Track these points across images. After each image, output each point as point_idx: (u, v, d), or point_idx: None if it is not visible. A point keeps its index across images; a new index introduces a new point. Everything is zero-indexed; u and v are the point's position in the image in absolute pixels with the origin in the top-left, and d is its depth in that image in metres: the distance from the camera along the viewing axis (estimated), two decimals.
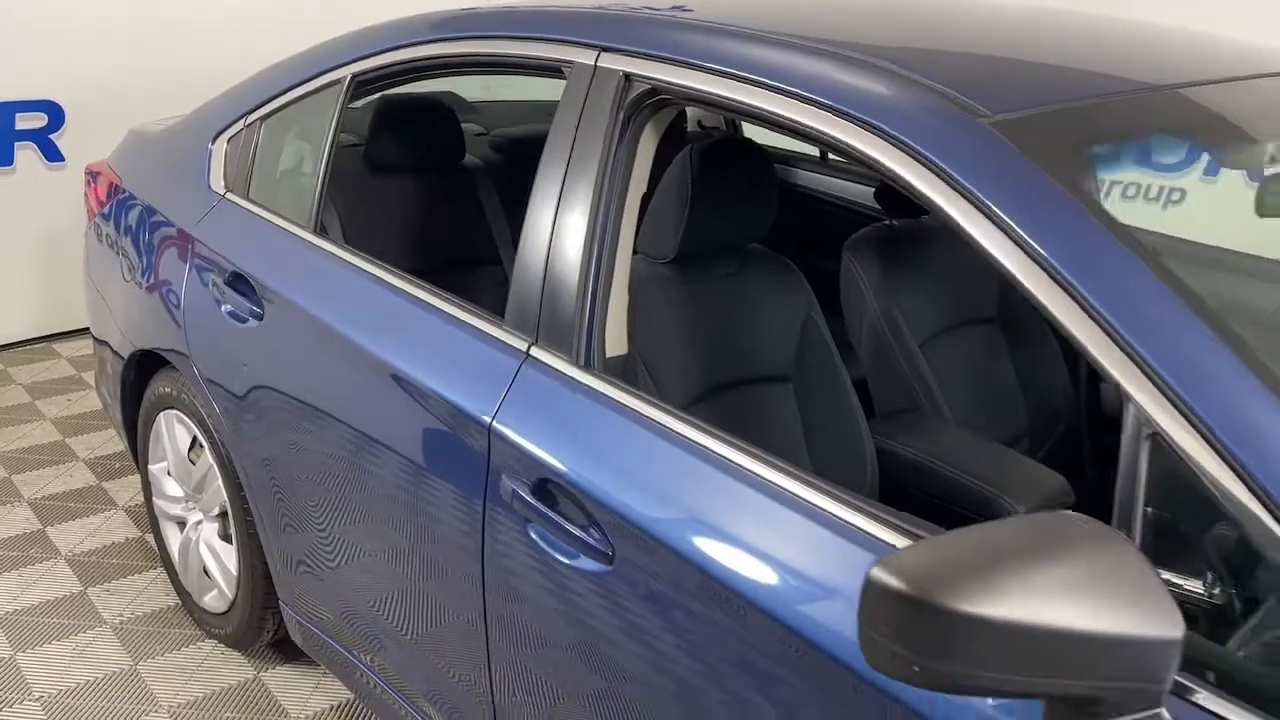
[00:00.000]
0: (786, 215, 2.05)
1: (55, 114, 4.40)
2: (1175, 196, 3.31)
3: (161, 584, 2.92)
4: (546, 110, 1.79)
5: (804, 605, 1.27)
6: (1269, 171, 1.79)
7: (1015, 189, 1.23)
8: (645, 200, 1.78)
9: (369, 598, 2.04)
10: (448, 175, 2.78)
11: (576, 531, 1.52)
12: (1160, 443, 1.06)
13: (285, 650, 2.63)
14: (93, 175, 2.96)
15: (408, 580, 1.90)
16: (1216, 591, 1.08)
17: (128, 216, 2.71)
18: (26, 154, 4.40)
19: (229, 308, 2.25)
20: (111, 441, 3.60)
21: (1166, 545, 1.08)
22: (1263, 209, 1.85)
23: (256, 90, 2.43)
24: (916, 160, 1.30)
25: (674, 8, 1.81)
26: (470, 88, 3.91)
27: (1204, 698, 1.02)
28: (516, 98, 3.80)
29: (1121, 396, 1.09)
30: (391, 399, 1.83)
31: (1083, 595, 0.90)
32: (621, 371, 1.68)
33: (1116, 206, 1.30)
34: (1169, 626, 0.90)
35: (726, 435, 1.43)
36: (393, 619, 1.98)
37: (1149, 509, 1.07)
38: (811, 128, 1.42)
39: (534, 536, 1.58)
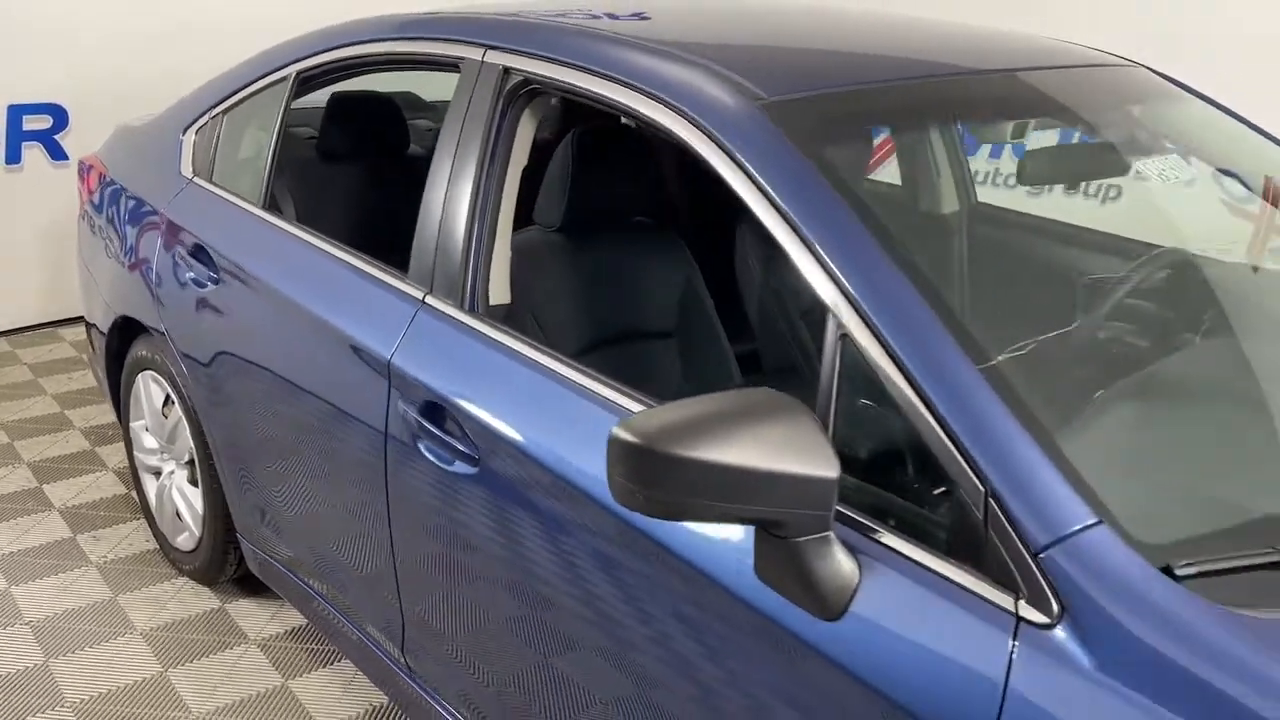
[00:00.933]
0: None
1: (60, 116, 4.76)
2: None
3: (142, 532, 3.26)
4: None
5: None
6: (1029, 148, 2.10)
7: (772, 159, 1.54)
8: (536, 175, 2.11)
9: (308, 525, 2.37)
10: (393, 164, 3.12)
11: (452, 442, 1.85)
12: (848, 341, 1.38)
13: (247, 585, 2.96)
14: (85, 168, 3.32)
15: (336, 504, 2.23)
16: (888, 453, 1.40)
17: (112, 201, 3.06)
18: (33, 153, 4.77)
19: (191, 275, 2.59)
20: (105, 414, 3.94)
21: (850, 416, 1.40)
22: (1023, 178, 2.15)
23: (220, 87, 2.78)
24: (705, 135, 1.63)
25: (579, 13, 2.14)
26: (432, 88, 4.24)
27: (886, 538, 1.33)
28: None
29: (830, 309, 1.41)
30: (316, 345, 2.17)
31: (765, 443, 1.22)
32: (504, 317, 2.01)
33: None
34: (827, 469, 1.22)
35: (562, 356, 1.75)
36: (328, 542, 2.31)
37: (838, 393, 1.39)
38: (634, 109, 1.74)
39: (422, 449, 1.91)
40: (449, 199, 2.01)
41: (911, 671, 1.25)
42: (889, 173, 2.16)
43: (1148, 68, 2.37)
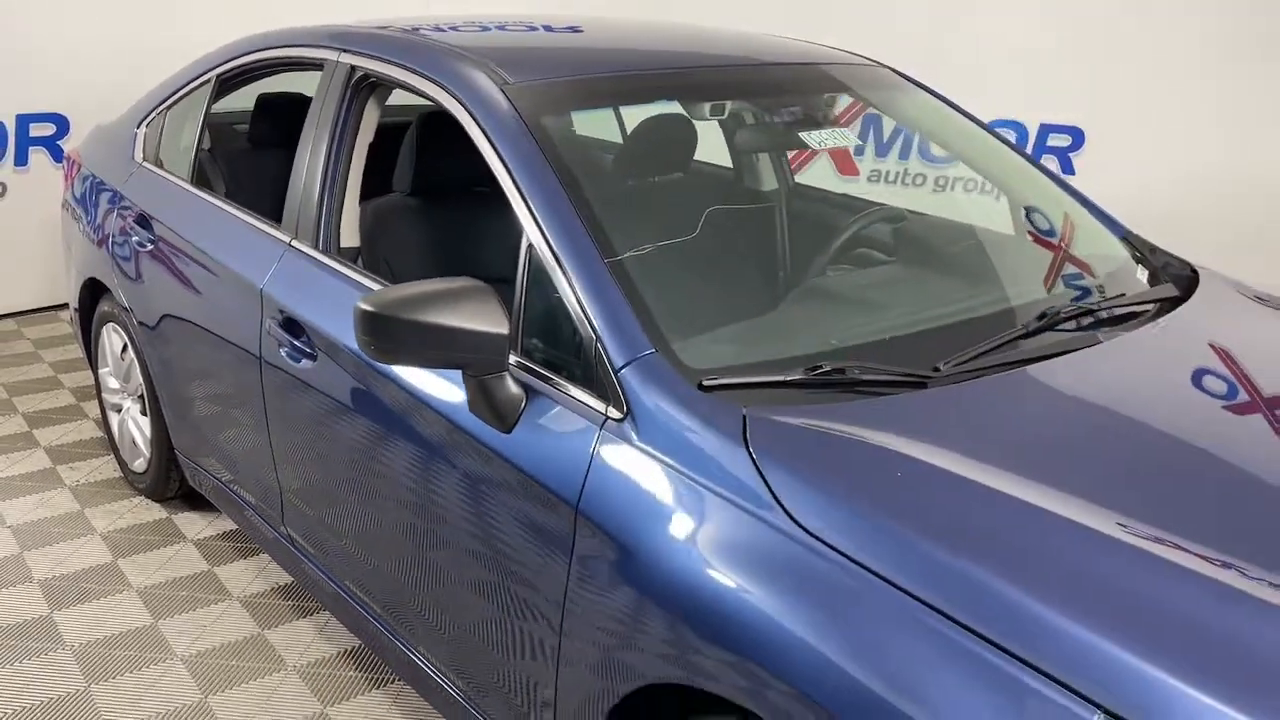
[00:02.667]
0: None
1: (62, 124, 5.46)
2: None
3: (111, 465, 3.91)
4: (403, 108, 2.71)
5: (410, 375, 2.18)
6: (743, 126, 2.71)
7: (502, 126, 2.16)
8: (388, 151, 2.74)
9: (217, 432, 3.00)
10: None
11: (301, 345, 2.48)
12: (533, 250, 1.98)
13: (192, 501, 3.60)
14: (68, 161, 3.99)
15: (232, 411, 2.85)
16: (551, 318, 2.01)
17: (85, 186, 3.73)
18: (38, 157, 5.47)
19: (136, 239, 3.25)
20: (91, 377, 4.59)
21: (532, 300, 2.00)
22: (733, 147, 2.77)
23: (164, 88, 3.44)
24: (464, 109, 2.25)
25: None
26: None
27: (544, 373, 1.93)
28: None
29: (526, 231, 2.02)
30: (217, 284, 2.81)
31: (459, 311, 1.82)
32: (357, 259, 2.63)
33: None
34: (500, 327, 1.83)
35: (383, 281, 2.36)
36: (230, 443, 2.94)
37: (527, 285, 1.99)
38: (429, 93, 2.36)
39: (282, 354, 2.54)
40: (310, 165, 2.65)
41: (546, 458, 1.86)
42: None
43: (888, 66, 3.00)
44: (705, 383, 1.77)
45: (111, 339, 3.61)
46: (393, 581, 2.33)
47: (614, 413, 1.79)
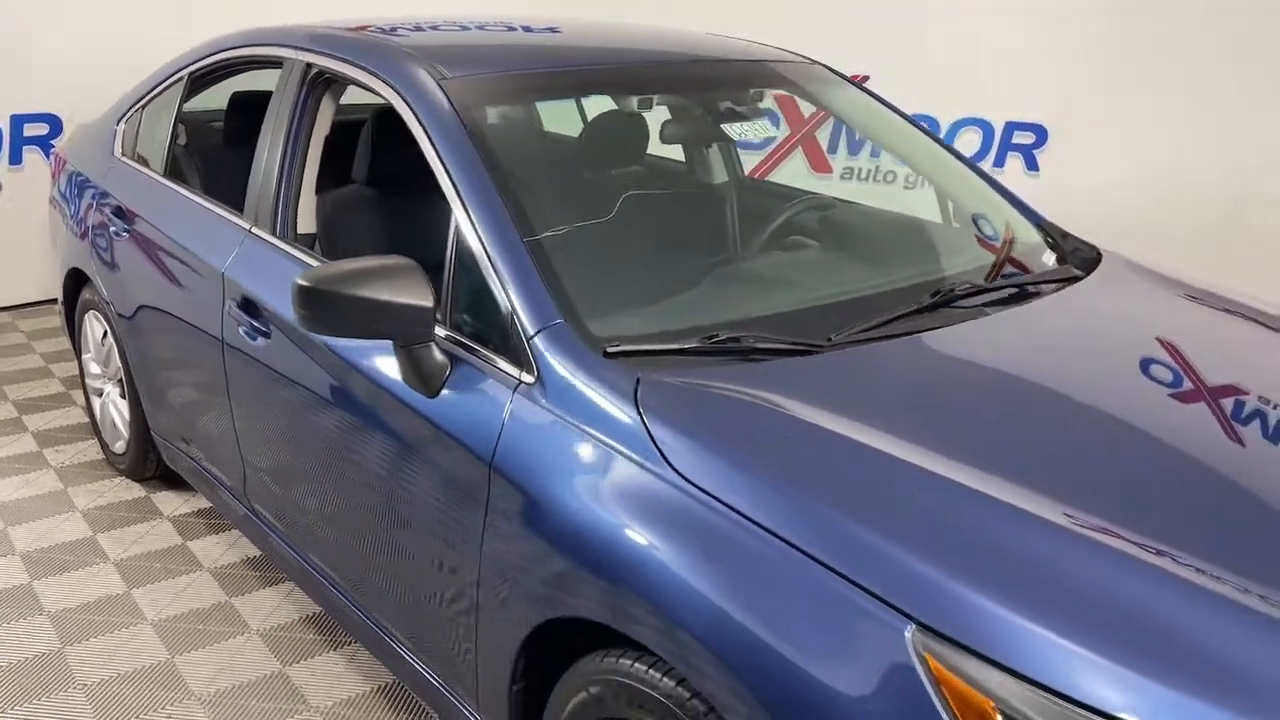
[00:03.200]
0: None
1: (55, 124, 5.64)
2: None
3: (94, 448, 4.09)
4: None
5: (346, 349, 2.35)
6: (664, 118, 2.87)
7: (437, 116, 2.33)
8: (350, 145, 2.91)
9: (187, 410, 3.16)
10: None
11: (257, 324, 2.65)
12: (460, 236, 2.15)
13: (169, 481, 3.78)
14: (55, 158, 4.18)
15: (199, 390, 3.02)
16: (476, 293, 2.18)
17: (69, 182, 3.91)
18: (33, 155, 5.65)
19: (113, 229, 3.43)
20: (69, 362, 4.78)
21: (459, 277, 2.17)
22: (664, 138, 2.93)
23: (142, 86, 3.62)
24: (404, 101, 2.42)
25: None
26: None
27: (468, 343, 2.10)
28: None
29: (454, 212, 2.18)
30: (184, 270, 2.98)
31: (388, 286, 1.98)
32: (310, 243, 2.80)
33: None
34: (425, 300, 1.99)
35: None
36: (199, 420, 3.10)
37: (456, 262, 2.16)
38: (374, 88, 2.53)
39: (241, 333, 2.72)
40: (269, 156, 2.82)
41: (466, 419, 2.03)
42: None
43: (821, 63, 3.16)
44: (609, 350, 1.94)
45: (93, 326, 3.79)
46: (342, 546, 2.50)
47: (526, 377, 1.96)
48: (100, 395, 3.87)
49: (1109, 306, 2.38)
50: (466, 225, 2.13)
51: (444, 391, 2.07)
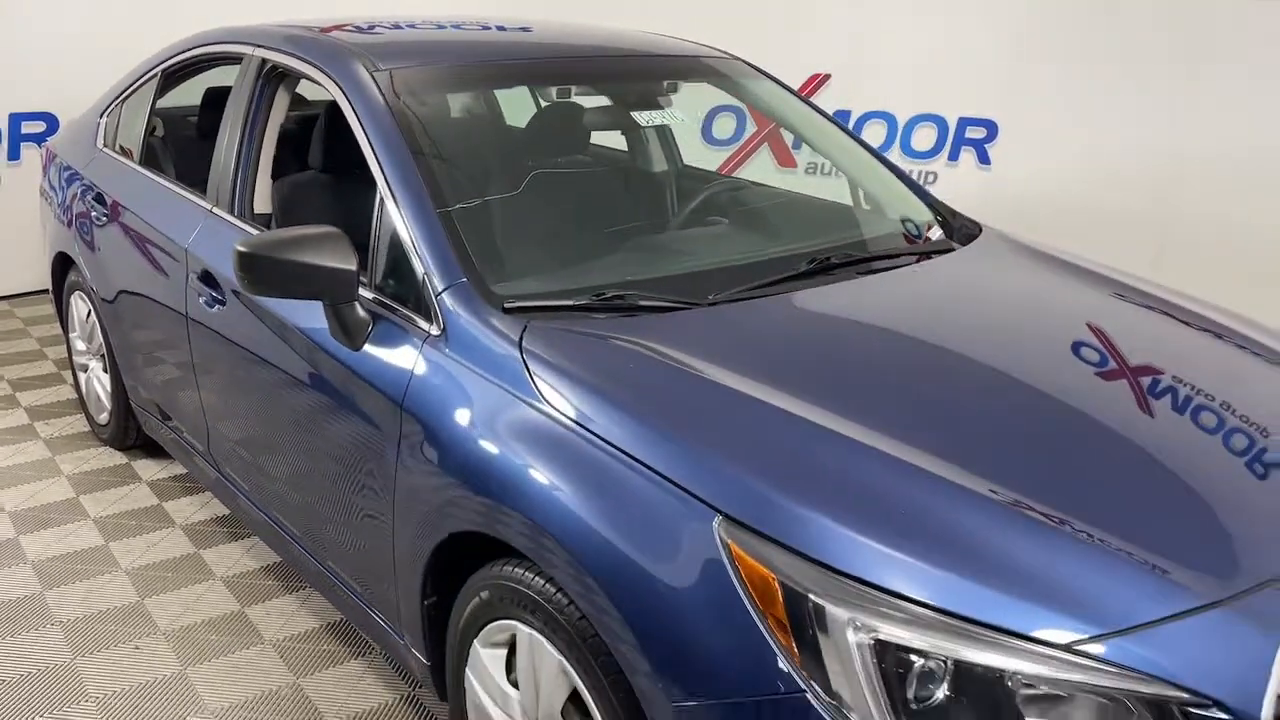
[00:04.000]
0: None
1: (52, 122, 5.95)
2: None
3: (81, 421, 4.38)
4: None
5: (286, 311, 2.63)
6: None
7: (367, 103, 2.62)
8: (300, 133, 3.19)
9: (160, 377, 3.45)
10: None
11: (215, 294, 2.94)
12: (383, 203, 2.44)
13: (149, 450, 4.07)
14: (45, 152, 4.48)
15: (168, 357, 3.31)
16: (397, 260, 2.46)
17: (57, 173, 4.21)
18: (30, 152, 5.96)
19: (94, 214, 3.72)
20: (62, 346, 5.08)
21: (382, 246, 2.45)
22: (588, 125, 3.21)
23: (121, 82, 3.92)
24: (340, 90, 2.71)
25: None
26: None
27: (388, 302, 2.39)
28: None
29: (379, 188, 2.47)
30: (153, 248, 3.27)
31: (319, 251, 2.26)
32: (266, 222, 3.09)
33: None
34: (349, 264, 2.28)
35: None
36: (169, 386, 3.38)
37: (379, 232, 2.45)
38: (318, 80, 2.82)
39: (201, 301, 3.01)
40: (228, 143, 3.11)
41: (383, 368, 2.30)
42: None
43: (740, 58, 3.45)
44: (507, 305, 2.22)
45: (78, 305, 4.09)
46: (289, 493, 2.78)
47: (434, 330, 2.24)
48: (85, 371, 4.17)
49: (969, 270, 2.66)
50: (389, 198, 2.41)
51: (366, 345, 2.35)
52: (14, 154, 5.91)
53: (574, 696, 1.92)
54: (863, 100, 6.84)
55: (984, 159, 6.33)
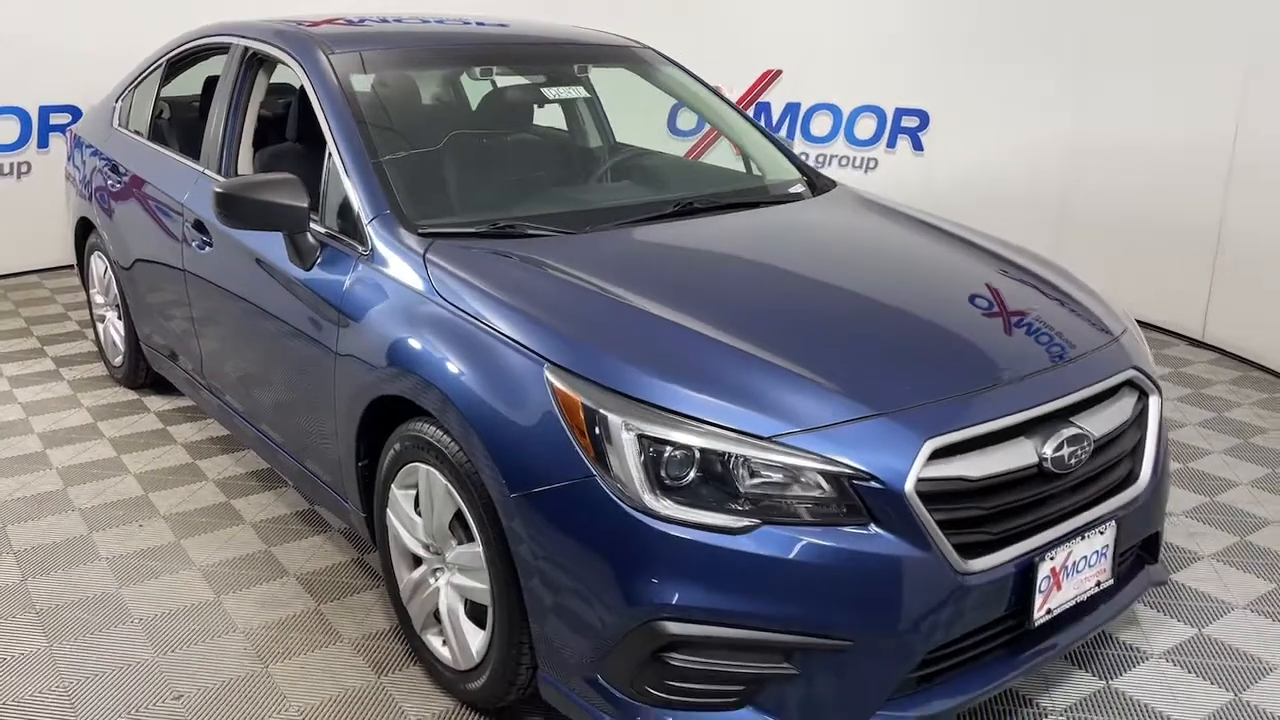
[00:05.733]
0: None
1: (76, 113, 6.64)
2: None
3: (100, 368, 5.07)
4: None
5: (256, 244, 3.29)
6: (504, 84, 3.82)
7: (322, 81, 3.29)
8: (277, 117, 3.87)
9: (163, 318, 4.12)
10: None
11: (204, 237, 3.62)
12: (330, 160, 3.11)
13: (156, 388, 4.76)
14: (69, 135, 5.18)
15: (170, 299, 3.98)
16: (341, 203, 3.12)
17: (79, 151, 4.91)
18: (57, 140, 6.67)
19: (109, 181, 4.42)
20: (84, 310, 5.78)
21: (328, 193, 3.12)
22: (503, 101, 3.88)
23: (133, 71, 4.62)
24: (302, 70, 3.38)
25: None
26: None
27: (327, 232, 3.06)
28: None
29: (329, 151, 3.14)
30: (156, 206, 3.96)
31: (279, 192, 2.91)
32: None
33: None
34: (301, 201, 2.95)
35: None
36: (171, 324, 4.04)
37: (328, 181, 3.11)
38: (284, 61, 3.49)
39: (194, 245, 3.69)
40: (217, 115, 3.78)
41: (326, 282, 2.95)
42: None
43: (651, 47, 4.11)
44: (420, 230, 2.88)
45: (96, 264, 4.78)
46: (262, 393, 3.44)
47: (364, 250, 2.90)
48: (102, 321, 4.86)
49: (807, 211, 3.31)
50: (335, 152, 3.08)
51: (315, 267, 3.02)
52: (43, 142, 6.62)
53: (458, 516, 2.56)
54: (811, 94, 7.49)
55: (918, 146, 6.95)
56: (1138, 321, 2.97)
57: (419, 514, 2.70)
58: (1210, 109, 5.23)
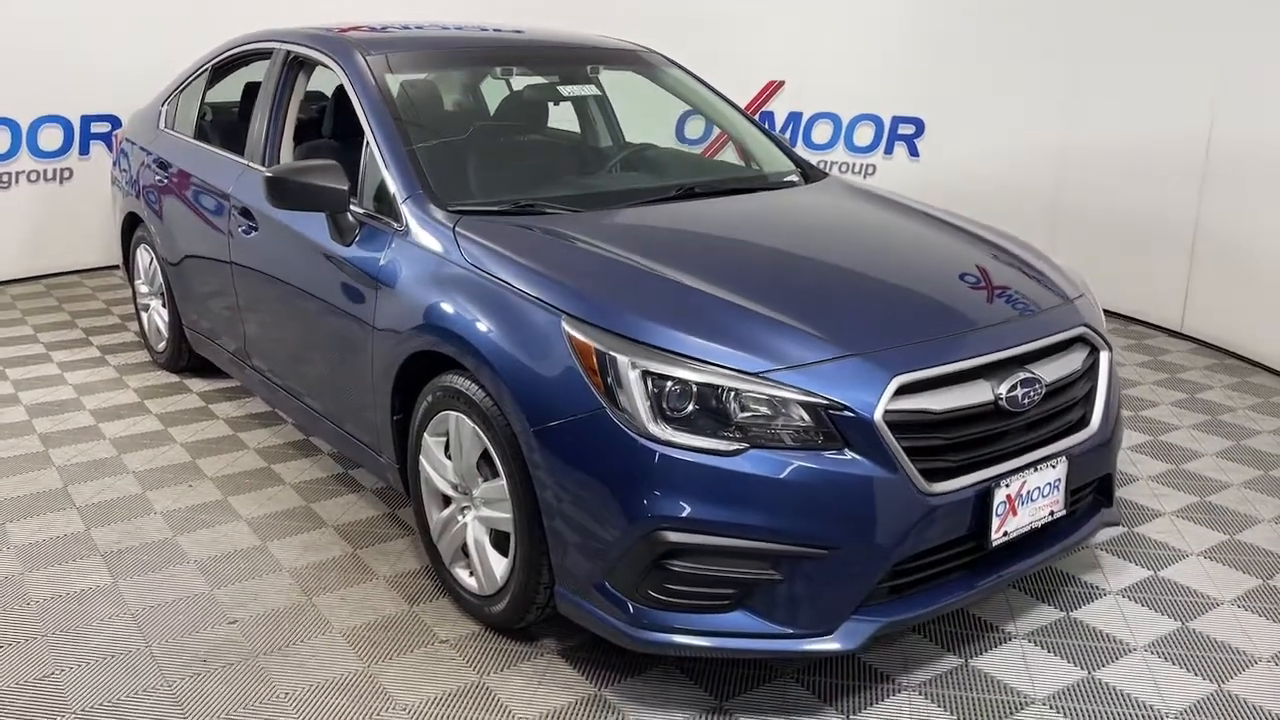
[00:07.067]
0: None
1: (115, 122, 7.03)
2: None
3: (143, 355, 5.42)
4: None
5: (301, 225, 3.64)
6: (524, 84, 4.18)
7: (361, 79, 3.64)
8: (312, 114, 4.23)
9: (209, 301, 4.47)
10: None
11: (250, 223, 3.98)
12: (368, 148, 3.46)
13: (199, 372, 5.11)
14: (116, 139, 5.55)
15: (216, 284, 4.32)
16: (379, 188, 3.47)
17: (126, 151, 5.29)
18: (98, 148, 7.06)
19: (156, 177, 4.78)
20: (125, 305, 6.14)
21: (368, 182, 3.47)
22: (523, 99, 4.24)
23: (178, 77, 4.99)
24: (343, 71, 3.74)
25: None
26: None
27: (369, 212, 3.40)
28: None
29: (368, 142, 3.49)
30: (205, 198, 4.31)
31: (323, 176, 3.26)
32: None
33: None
34: (343, 185, 3.29)
35: None
36: (216, 307, 4.39)
37: (366, 170, 3.46)
38: (325, 64, 3.85)
39: (239, 231, 4.04)
40: (261, 113, 4.14)
41: (365, 256, 3.30)
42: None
43: (657, 51, 4.46)
44: (450, 207, 3.22)
45: (142, 256, 5.14)
46: (305, 364, 3.78)
47: (399, 227, 3.25)
48: (147, 310, 5.21)
49: (798, 196, 3.65)
50: (373, 142, 3.43)
51: (355, 244, 3.36)
52: (85, 150, 7.00)
53: (484, 456, 2.89)
54: (813, 103, 7.84)
55: (914, 153, 7.29)
56: (1121, 315, 3.29)
57: (448, 458, 3.03)
58: (1185, 110, 5.57)
